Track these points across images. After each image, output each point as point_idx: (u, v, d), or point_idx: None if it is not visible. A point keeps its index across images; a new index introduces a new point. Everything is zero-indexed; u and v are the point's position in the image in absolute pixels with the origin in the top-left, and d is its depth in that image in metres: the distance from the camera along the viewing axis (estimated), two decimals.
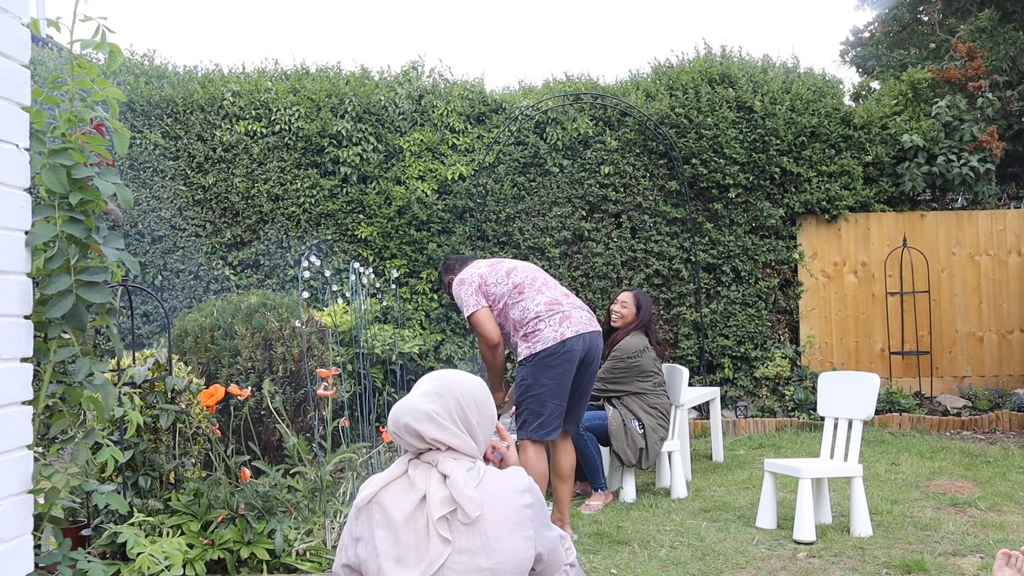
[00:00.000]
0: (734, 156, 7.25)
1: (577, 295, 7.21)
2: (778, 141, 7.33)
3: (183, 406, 3.54)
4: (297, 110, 7.14)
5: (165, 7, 31.50)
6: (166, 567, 2.56)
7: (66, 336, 2.15)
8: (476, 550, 1.81)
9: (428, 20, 33.92)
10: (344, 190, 7.15)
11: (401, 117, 7.28)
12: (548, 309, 3.93)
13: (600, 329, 4.08)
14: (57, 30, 2.17)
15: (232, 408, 4.06)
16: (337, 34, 34.67)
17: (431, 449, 1.94)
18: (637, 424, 4.79)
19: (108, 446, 2.38)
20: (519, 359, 3.97)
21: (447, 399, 1.94)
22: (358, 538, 1.91)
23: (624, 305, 5.09)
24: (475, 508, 1.82)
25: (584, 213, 7.28)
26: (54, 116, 2.15)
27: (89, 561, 2.29)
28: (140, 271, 6.72)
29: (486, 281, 4.03)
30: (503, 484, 1.91)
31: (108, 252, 2.18)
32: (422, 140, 7.20)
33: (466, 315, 4.00)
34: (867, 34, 12.88)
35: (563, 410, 3.94)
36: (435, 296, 7.17)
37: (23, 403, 2.03)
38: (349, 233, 7.15)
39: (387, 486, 1.90)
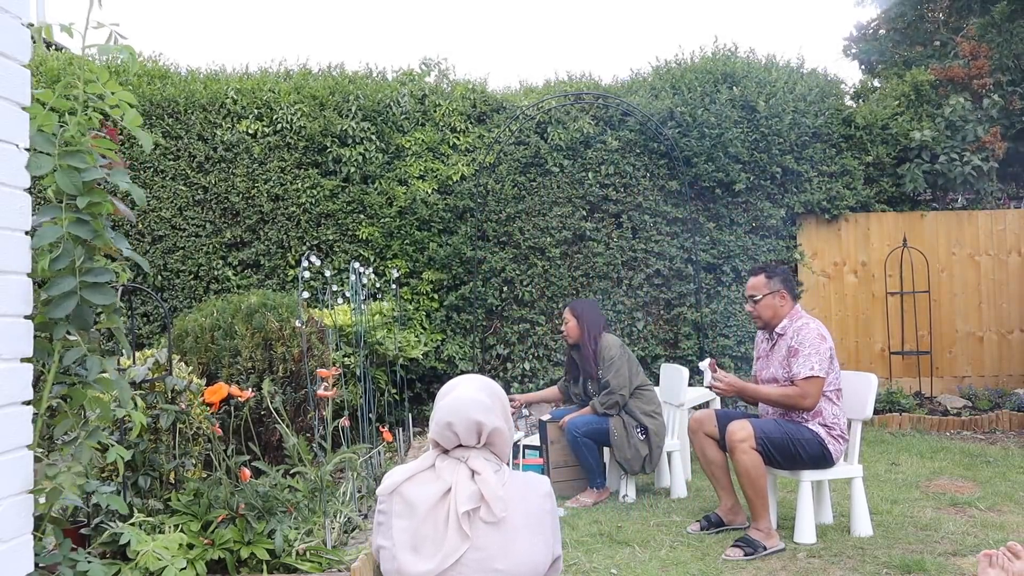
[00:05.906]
0: (737, 155, 7.25)
1: (577, 295, 7.25)
2: (780, 140, 7.33)
3: (183, 406, 3.53)
4: (300, 108, 7.13)
5: (171, 11, 31.53)
6: (169, 562, 2.56)
7: (71, 337, 2.15)
8: (494, 549, 1.82)
9: (430, 20, 33.94)
10: (345, 190, 7.15)
11: (404, 116, 7.27)
12: (844, 426, 4.03)
13: None
14: (70, 36, 2.18)
15: (232, 408, 4.06)
16: (341, 36, 34.70)
17: (462, 446, 1.96)
18: (640, 431, 4.78)
19: (113, 446, 2.38)
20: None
21: (494, 397, 2.02)
22: (380, 523, 1.94)
23: (566, 321, 5.05)
24: (502, 508, 1.85)
25: (585, 213, 7.28)
26: (65, 120, 2.15)
27: (89, 561, 2.29)
28: (151, 270, 6.73)
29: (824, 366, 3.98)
30: (528, 486, 1.95)
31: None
32: (423, 139, 7.20)
33: (810, 372, 3.90)
34: (871, 30, 12.85)
35: None
36: (435, 296, 7.17)
37: (23, 403, 2.03)
38: (350, 233, 7.14)
39: (411, 478, 1.93)
